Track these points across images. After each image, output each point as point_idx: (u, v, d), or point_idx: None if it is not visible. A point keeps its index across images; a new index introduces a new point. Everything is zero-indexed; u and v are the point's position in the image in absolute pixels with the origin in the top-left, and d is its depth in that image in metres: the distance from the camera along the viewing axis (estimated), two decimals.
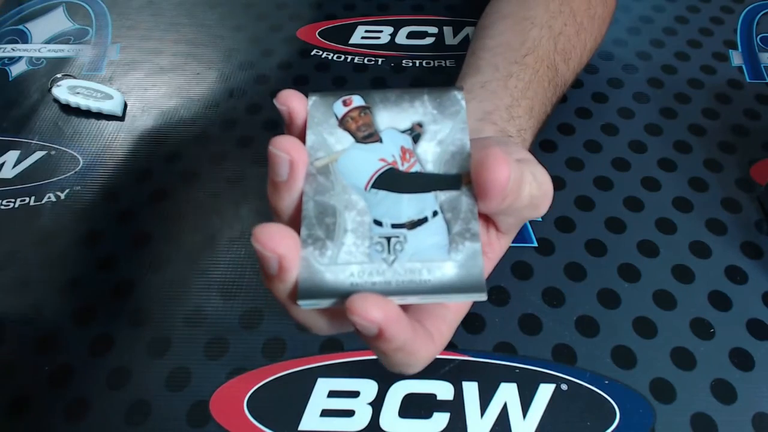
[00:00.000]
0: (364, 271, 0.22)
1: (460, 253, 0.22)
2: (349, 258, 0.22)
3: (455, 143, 0.25)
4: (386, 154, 0.25)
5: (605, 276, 0.41)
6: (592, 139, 0.50)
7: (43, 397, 0.36)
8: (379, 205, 0.24)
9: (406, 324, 0.22)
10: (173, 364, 0.37)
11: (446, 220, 0.23)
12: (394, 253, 0.23)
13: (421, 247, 0.23)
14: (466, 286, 0.22)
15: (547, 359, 0.37)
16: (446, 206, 0.23)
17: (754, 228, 0.44)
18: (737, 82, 0.55)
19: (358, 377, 0.37)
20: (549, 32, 0.43)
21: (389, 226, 0.23)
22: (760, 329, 0.39)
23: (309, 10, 0.63)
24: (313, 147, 0.25)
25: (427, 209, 0.23)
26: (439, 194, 0.24)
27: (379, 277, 0.22)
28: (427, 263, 0.22)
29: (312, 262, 0.22)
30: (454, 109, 0.26)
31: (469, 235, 0.23)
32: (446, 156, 0.25)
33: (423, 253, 0.22)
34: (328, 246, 0.23)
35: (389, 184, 0.24)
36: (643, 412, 0.35)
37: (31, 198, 0.46)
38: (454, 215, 0.23)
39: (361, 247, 0.23)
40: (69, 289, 0.41)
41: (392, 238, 0.23)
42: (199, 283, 0.41)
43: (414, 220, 0.23)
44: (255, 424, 0.35)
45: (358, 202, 0.24)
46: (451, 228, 0.23)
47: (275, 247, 0.22)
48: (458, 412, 0.35)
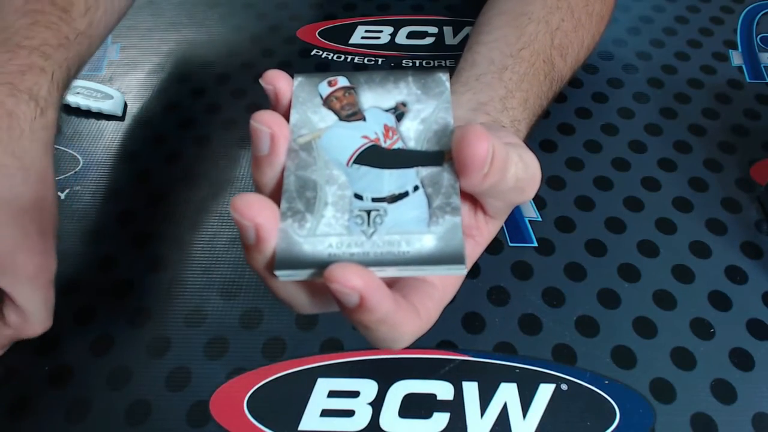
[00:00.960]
0: (343, 242, 0.22)
1: (440, 227, 0.22)
2: (328, 230, 0.23)
3: (438, 122, 0.25)
4: (369, 132, 0.25)
5: (605, 276, 0.41)
6: (592, 139, 0.50)
7: (43, 397, 0.36)
8: (361, 180, 0.24)
9: (387, 294, 0.22)
10: (173, 364, 0.37)
11: (427, 194, 0.23)
12: (373, 226, 0.23)
13: (400, 220, 0.23)
14: (445, 258, 0.22)
15: (547, 359, 0.37)
16: (427, 181, 0.24)
17: (754, 228, 0.44)
18: (737, 82, 0.55)
19: (358, 377, 0.37)
20: (546, 27, 0.43)
21: (370, 200, 0.23)
22: (760, 329, 0.39)
23: (309, 10, 0.63)
24: (296, 125, 0.25)
25: (408, 184, 0.24)
26: (421, 170, 0.24)
27: (358, 249, 0.22)
28: (407, 235, 0.22)
29: (290, 234, 0.23)
30: (439, 90, 0.26)
31: (450, 209, 0.23)
32: (429, 134, 0.25)
33: (402, 225, 0.23)
34: (307, 218, 0.23)
35: (371, 159, 0.24)
36: (643, 412, 0.35)
37: None
38: (435, 190, 0.23)
39: (340, 219, 0.23)
40: (69, 289, 0.41)
41: (372, 211, 0.23)
42: (199, 283, 0.41)
43: (395, 194, 0.23)
44: (255, 424, 0.35)
45: (340, 177, 0.24)
46: (431, 202, 0.23)
47: (253, 216, 0.22)
48: (458, 412, 0.35)
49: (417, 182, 0.24)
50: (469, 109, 0.35)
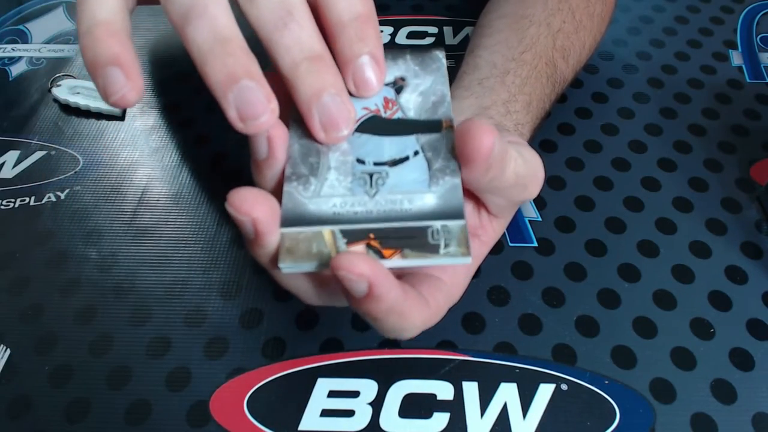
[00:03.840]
0: (346, 202, 0.23)
1: (440, 187, 0.23)
2: (331, 191, 0.23)
3: (436, 93, 0.26)
4: (369, 104, 0.26)
5: (605, 276, 0.41)
6: (592, 139, 0.50)
7: (43, 397, 0.36)
8: (362, 147, 0.25)
9: (394, 283, 0.22)
10: (173, 364, 0.37)
11: (427, 158, 0.24)
12: (375, 187, 0.23)
13: (402, 181, 0.24)
14: (446, 213, 0.23)
15: (547, 359, 0.37)
16: (427, 147, 0.24)
17: (754, 228, 0.44)
18: (737, 82, 0.55)
19: (358, 377, 0.37)
20: (547, 29, 0.43)
21: (371, 164, 0.24)
22: (760, 329, 0.39)
23: None
24: None
25: (408, 149, 0.25)
26: (420, 137, 0.25)
27: (361, 207, 0.23)
28: (408, 194, 0.23)
29: (295, 195, 0.23)
30: (435, 66, 0.27)
31: (449, 171, 0.24)
32: (427, 105, 0.26)
33: (404, 186, 0.23)
34: (311, 181, 0.24)
35: (372, 128, 0.25)
36: (643, 412, 0.35)
37: (31, 198, 0.46)
38: (434, 154, 0.24)
39: (343, 182, 0.24)
40: (69, 289, 0.41)
41: (374, 174, 0.24)
42: (199, 283, 0.41)
43: (395, 159, 0.24)
44: (255, 424, 0.35)
45: (342, 145, 0.25)
46: (431, 165, 0.24)
47: (249, 210, 0.22)
48: (458, 412, 0.35)
49: (417, 148, 0.24)
50: (472, 114, 0.35)
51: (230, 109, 0.23)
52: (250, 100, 0.23)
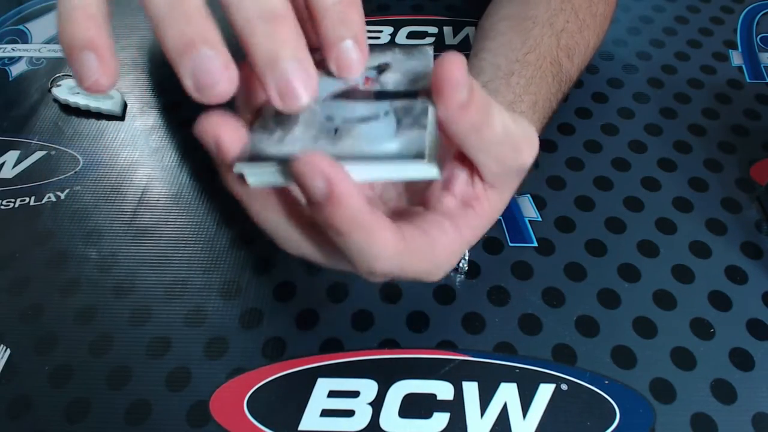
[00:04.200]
0: (309, 147, 0.23)
1: (405, 136, 0.23)
2: (294, 139, 0.23)
3: (418, 73, 0.26)
4: (349, 82, 0.26)
5: (605, 276, 0.41)
6: (592, 139, 0.50)
7: (43, 397, 0.36)
8: (334, 109, 0.24)
9: (356, 189, 0.21)
10: (173, 364, 0.37)
11: (397, 117, 0.24)
12: (339, 136, 0.23)
13: (367, 133, 0.23)
14: (409, 154, 0.22)
15: (547, 359, 0.37)
16: (399, 109, 0.24)
17: (754, 228, 0.44)
18: (737, 82, 0.55)
19: (358, 377, 0.37)
20: (551, 30, 0.43)
21: (340, 121, 0.24)
22: (760, 329, 0.39)
23: None
24: None
25: (379, 110, 0.24)
26: (395, 101, 0.24)
27: (322, 149, 0.22)
28: (371, 141, 0.23)
29: (257, 140, 0.23)
30: (423, 56, 0.27)
31: (418, 126, 0.23)
32: (408, 81, 0.25)
33: (368, 135, 0.23)
34: (276, 131, 0.23)
35: (346, 96, 0.25)
36: (643, 412, 0.35)
37: (31, 198, 0.47)
38: (405, 114, 0.24)
39: (308, 132, 0.23)
40: (69, 289, 0.41)
41: (340, 127, 0.23)
42: (199, 283, 0.41)
43: (365, 116, 0.24)
44: (255, 424, 0.35)
45: (314, 107, 0.24)
46: (400, 123, 0.23)
47: (214, 129, 0.23)
48: (458, 412, 0.35)
49: (388, 109, 0.24)
50: None
51: (186, 78, 0.22)
52: (207, 69, 0.22)
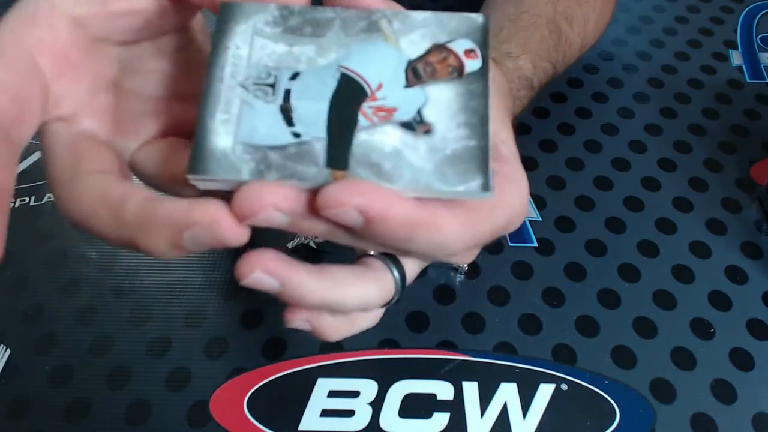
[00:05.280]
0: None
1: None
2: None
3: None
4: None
5: (605, 276, 0.41)
6: (592, 139, 0.50)
7: (44, 397, 0.36)
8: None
9: (391, 194, 0.19)
10: (173, 364, 0.37)
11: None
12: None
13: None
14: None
15: (547, 359, 0.37)
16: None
17: (754, 228, 0.44)
18: (737, 82, 0.55)
19: (358, 377, 0.37)
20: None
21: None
22: (760, 329, 0.39)
23: None
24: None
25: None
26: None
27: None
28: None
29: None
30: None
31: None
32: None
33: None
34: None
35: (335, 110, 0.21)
36: (643, 412, 0.35)
37: (31, 198, 0.46)
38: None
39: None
40: (69, 289, 0.41)
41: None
42: (199, 283, 0.41)
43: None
44: (255, 424, 0.35)
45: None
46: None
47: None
48: (458, 412, 0.35)
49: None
50: None
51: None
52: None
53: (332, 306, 0.22)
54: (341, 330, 0.25)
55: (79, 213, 0.21)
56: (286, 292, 0.21)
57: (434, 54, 0.22)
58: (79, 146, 0.22)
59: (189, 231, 0.19)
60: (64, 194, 0.21)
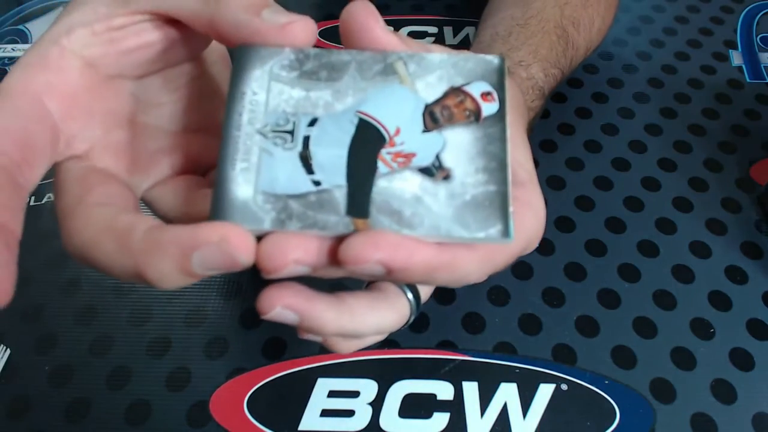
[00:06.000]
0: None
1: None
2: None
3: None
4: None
5: (605, 276, 0.41)
6: (592, 139, 0.50)
7: (44, 397, 0.36)
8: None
9: (413, 242, 0.19)
10: (173, 364, 0.37)
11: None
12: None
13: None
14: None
15: (547, 359, 0.37)
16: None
17: (754, 228, 0.44)
18: (737, 82, 0.55)
19: (358, 377, 0.37)
20: (554, 1, 0.42)
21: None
22: (760, 329, 0.39)
23: (309, 10, 0.63)
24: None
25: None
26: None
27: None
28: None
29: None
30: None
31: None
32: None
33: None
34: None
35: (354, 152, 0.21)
36: (643, 412, 0.35)
37: (31, 198, 0.46)
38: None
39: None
40: (69, 289, 0.41)
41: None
42: (199, 283, 0.41)
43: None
44: (255, 424, 0.35)
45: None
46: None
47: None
48: (458, 412, 0.35)
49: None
50: None
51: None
52: None
53: (350, 334, 0.23)
54: (352, 345, 0.25)
55: (82, 244, 0.21)
56: (305, 324, 0.21)
57: (451, 97, 0.22)
58: (89, 179, 0.22)
59: (198, 252, 0.18)
60: (69, 224, 0.21)
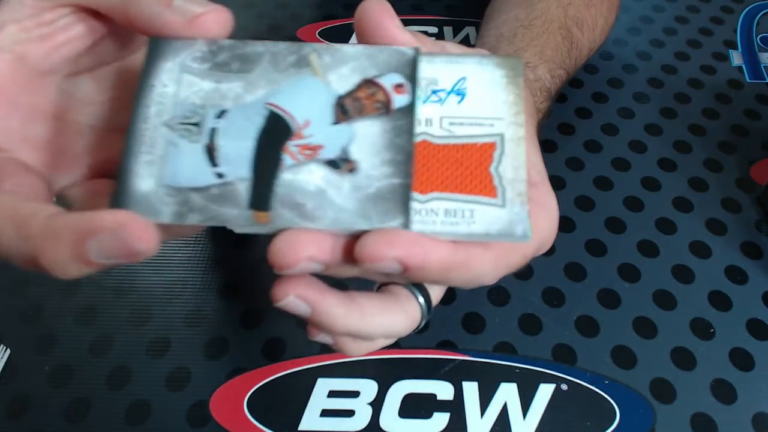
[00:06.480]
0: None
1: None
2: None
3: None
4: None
5: (605, 276, 0.41)
6: (592, 139, 0.50)
7: (44, 397, 0.36)
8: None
9: (429, 242, 0.19)
10: (173, 364, 0.37)
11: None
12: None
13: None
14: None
15: (547, 359, 0.37)
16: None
17: (754, 228, 0.44)
18: (737, 82, 0.55)
19: (358, 377, 0.37)
20: (557, 2, 0.42)
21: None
22: (760, 329, 0.39)
23: (309, 10, 0.63)
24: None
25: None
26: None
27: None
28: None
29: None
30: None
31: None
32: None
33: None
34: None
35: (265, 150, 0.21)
36: (643, 412, 0.35)
37: None
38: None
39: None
40: (69, 289, 0.41)
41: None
42: (199, 283, 0.41)
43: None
44: (255, 424, 0.35)
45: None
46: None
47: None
48: (458, 412, 0.35)
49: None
50: None
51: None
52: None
53: (359, 335, 0.23)
54: (362, 348, 0.25)
55: None
56: (316, 317, 0.21)
57: (363, 89, 0.22)
58: (4, 169, 0.22)
59: (94, 239, 0.18)
60: None
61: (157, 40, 0.22)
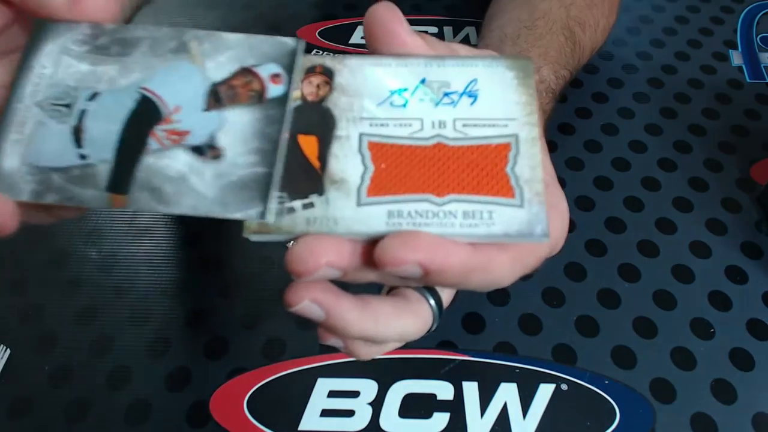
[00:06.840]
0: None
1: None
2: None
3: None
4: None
5: (605, 276, 0.41)
6: (592, 139, 0.50)
7: (43, 397, 0.36)
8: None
9: (450, 244, 0.19)
10: (173, 364, 0.37)
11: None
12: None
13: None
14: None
15: (547, 359, 0.37)
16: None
17: (754, 228, 0.44)
18: (737, 82, 0.55)
19: (358, 377, 0.37)
20: (559, 2, 0.42)
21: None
22: (760, 329, 0.39)
23: (309, 10, 0.63)
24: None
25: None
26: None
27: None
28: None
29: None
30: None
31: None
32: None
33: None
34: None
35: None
36: (643, 412, 0.35)
37: None
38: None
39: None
40: (69, 289, 0.41)
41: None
42: (199, 283, 0.41)
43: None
44: (255, 424, 0.35)
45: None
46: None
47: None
48: (458, 412, 0.35)
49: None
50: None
51: None
52: None
53: (372, 339, 0.23)
54: (373, 351, 0.25)
55: None
56: (330, 322, 0.21)
57: (239, 78, 0.22)
58: None
59: None
60: None
61: (41, 22, 0.22)
